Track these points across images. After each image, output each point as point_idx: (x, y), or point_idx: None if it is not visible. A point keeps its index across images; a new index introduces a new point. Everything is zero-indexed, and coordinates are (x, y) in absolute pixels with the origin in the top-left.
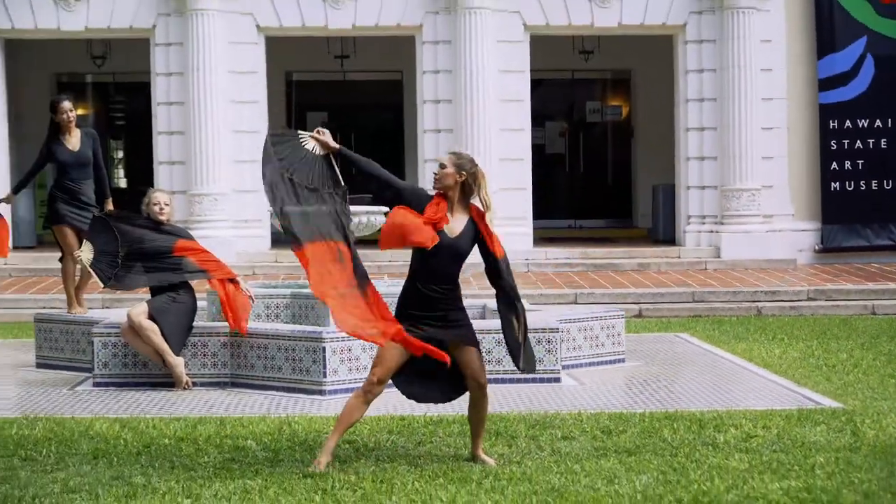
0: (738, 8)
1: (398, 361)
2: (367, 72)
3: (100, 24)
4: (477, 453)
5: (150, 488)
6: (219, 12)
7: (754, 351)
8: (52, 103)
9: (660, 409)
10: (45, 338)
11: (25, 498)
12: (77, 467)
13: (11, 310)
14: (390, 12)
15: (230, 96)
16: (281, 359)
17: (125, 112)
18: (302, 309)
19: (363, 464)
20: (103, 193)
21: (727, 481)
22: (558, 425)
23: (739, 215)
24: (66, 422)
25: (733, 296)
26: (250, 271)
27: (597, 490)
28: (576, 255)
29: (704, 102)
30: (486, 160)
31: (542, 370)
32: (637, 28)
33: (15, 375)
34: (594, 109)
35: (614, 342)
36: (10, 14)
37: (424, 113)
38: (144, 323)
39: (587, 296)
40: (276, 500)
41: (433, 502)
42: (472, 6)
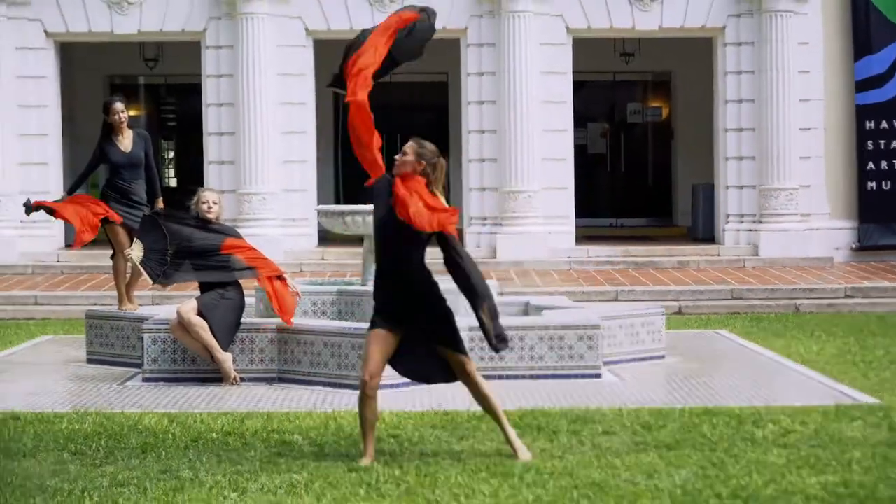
0: (777, 11)
1: (383, 355)
2: (412, 73)
3: (152, 28)
4: (510, 442)
5: (198, 482)
6: (268, 16)
7: (792, 347)
8: (105, 105)
9: (699, 404)
10: (95, 334)
11: (75, 491)
12: (126, 461)
13: (63, 306)
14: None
15: (279, 98)
16: (327, 354)
17: (176, 113)
18: (348, 305)
19: (407, 458)
20: (154, 193)
21: (765, 476)
22: (599, 421)
23: (777, 214)
24: (116, 416)
25: (771, 293)
26: (297, 269)
27: (637, 485)
28: (617, 253)
29: (743, 104)
30: (530, 160)
31: (583, 366)
32: (677, 31)
33: (66, 371)
34: (635, 110)
35: (654, 339)
36: (64, 18)
37: (469, 114)
38: (193, 319)
39: (628, 293)
40: (322, 493)
41: (476, 496)
42: (516, 10)
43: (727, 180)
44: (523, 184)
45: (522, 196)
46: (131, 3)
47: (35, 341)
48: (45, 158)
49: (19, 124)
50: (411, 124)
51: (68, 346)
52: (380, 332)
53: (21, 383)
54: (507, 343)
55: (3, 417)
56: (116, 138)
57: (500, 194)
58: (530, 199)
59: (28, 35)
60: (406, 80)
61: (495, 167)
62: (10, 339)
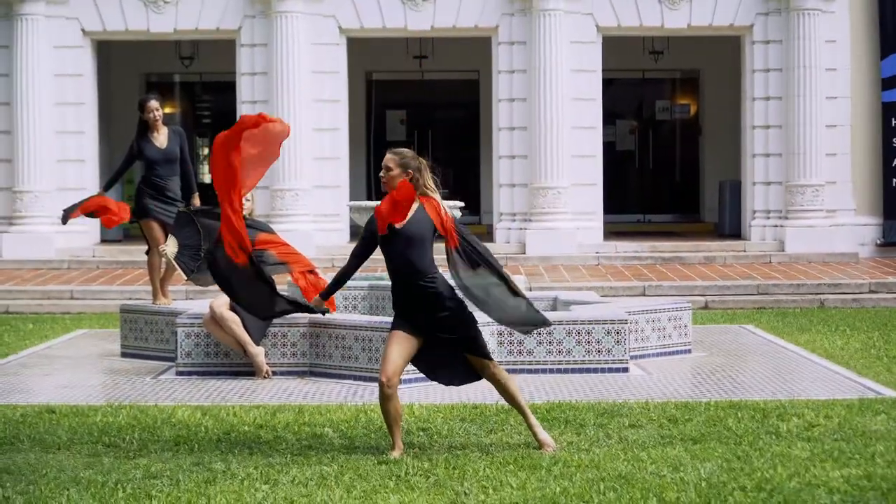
0: (804, 9)
1: (403, 357)
2: (444, 71)
3: (188, 26)
4: (538, 437)
5: (230, 474)
6: (302, 14)
7: (817, 342)
8: (141, 102)
9: (724, 398)
10: (130, 328)
11: (108, 483)
12: (159, 454)
13: (98, 300)
14: (468, 14)
15: (312, 95)
16: (358, 349)
17: (211, 110)
18: (378, 300)
19: (436, 450)
20: (189, 189)
21: (789, 469)
22: (626, 414)
23: (803, 210)
24: (149, 409)
25: (797, 288)
26: (329, 263)
27: (662, 477)
28: (644, 248)
29: (770, 101)
30: (559, 157)
31: (610, 360)
32: (705, 29)
33: (100, 364)
34: (663, 108)
35: (681, 333)
36: (101, 17)
37: (500, 111)
38: (226, 314)
39: (655, 288)
40: (352, 485)
41: (504, 488)
42: (547, 8)
43: (754, 177)
44: (553, 180)
45: (552, 192)
46: (167, 2)
47: (71, 335)
48: (82, 155)
49: (57, 122)
50: (444, 121)
51: (103, 340)
52: (401, 334)
53: (56, 377)
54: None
55: (38, 410)
56: (152, 135)
57: (530, 190)
58: (559, 196)
59: (65, 34)
60: (439, 78)
61: (525, 164)
62: (46, 332)
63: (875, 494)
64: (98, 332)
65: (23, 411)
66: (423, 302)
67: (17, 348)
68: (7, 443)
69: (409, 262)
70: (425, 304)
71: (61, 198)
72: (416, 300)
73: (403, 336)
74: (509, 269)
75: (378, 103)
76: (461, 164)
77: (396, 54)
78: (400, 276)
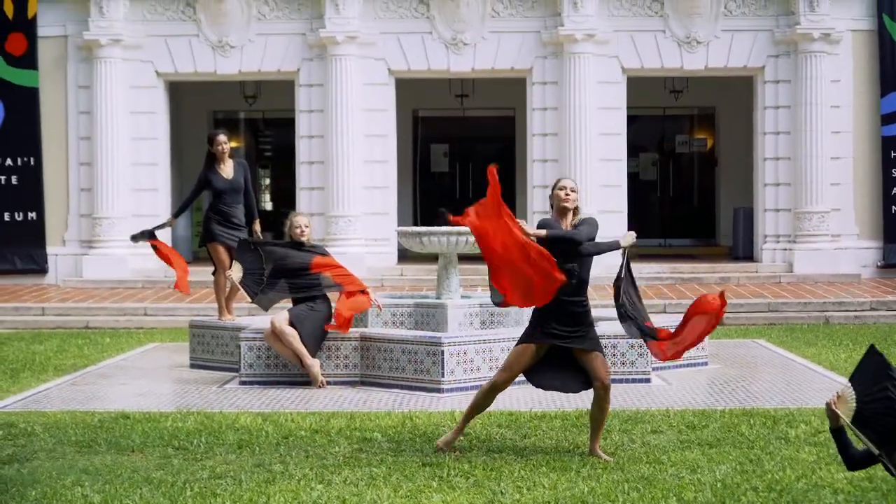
0: (811, 52)
1: (527, 363)
2: (483, 109)
3: (251, 68)
4: (595, 449)
5: (288, 475)
6: (355, 57)
7: (823, 355)
8: (210, 136)
9: (738, 406)
10: (198, 341)
11: (177, 483)
12: (223, 456)
13: (170, 317)
14: (505, 57)
15: (363, 131)
16: (405, 360)
17: (272, 144)
18: (423, 317)
19: (475, 454)
20: (252, 216)
21: (798, 471)
22: (648, 420)
23: (810, 235)
24: (215, 416)
25: (804, 306)
26: (379, 283)
27: (681, 478)
28: (665, 269)
29: (780, 135)
30: (588, 186)
31: (634, 371)
32: (721, 70)
33: (171, 374)
34: (682, 141)
35: (698, 347)
36: (173, 60)
37: (533, 145)
38: (286, 329)
39: (675, 306)
40: (398, 486)
41: (537, 488)
42: (576, 52)
43: (765, 204)
44: (582, 207)
45: None
46: (233, 47)
47: (144, 348)
48: (155, 185)
49: (132, 155)
50: (483, 154)
51: (173, 353)
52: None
53: (131, 385)
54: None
55: (114, 416)
56: (219, 167)
57: None
58: None
59: (141, 75)
60: (478, 115)
61: None
62: (121, 346)
63: (876, 495)
64: (169, 346)
65: (100, 417)
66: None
67: (95, 360)
68: (86, 446)
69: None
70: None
71: (136, 223)
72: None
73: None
74: None
75: (423, 138)
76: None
77: (440, 93)
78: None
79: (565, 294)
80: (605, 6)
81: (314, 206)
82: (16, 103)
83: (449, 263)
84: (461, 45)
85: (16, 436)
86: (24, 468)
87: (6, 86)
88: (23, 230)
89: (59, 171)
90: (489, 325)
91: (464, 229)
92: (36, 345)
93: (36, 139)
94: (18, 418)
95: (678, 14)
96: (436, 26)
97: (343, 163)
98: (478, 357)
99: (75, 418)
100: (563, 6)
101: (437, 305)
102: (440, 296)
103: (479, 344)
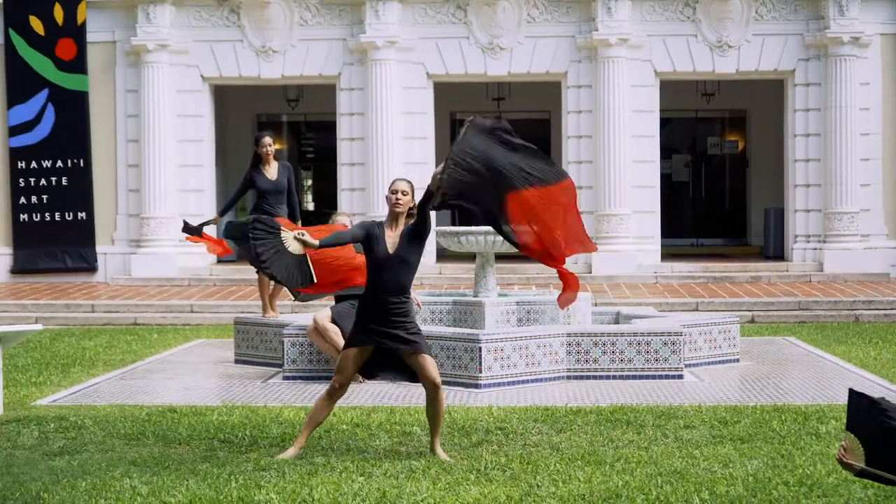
0: (841, 55)
1: (354, 369)
2: (519, 111)
3: (294, 73)
4: (434, 448)
5: (329, 467)
6: (394, 62)
7: (852, 353)
8: (256, 138)
9: (769, 402)
10: (242, 338)
11: (223, 475)
12: (268, 449)
13: (215, 314)
14: (540, 61)
15: (403, 133)
16: (443, 356)
17: (314, 147)
18: (461, 314)
19: (512, 447)
20: (294, 216)
21: (828, 466)
22: (681, 416)
23: (840, 235)
24: (259, 410)
25: (834, 305)
26: (418, 282)
27: (713, 472)
28: (697, 269)
29: (810, 137)
30: (621, 187)
31: (667, 368)
32: (752, 73)
33: (216, 369)
34: (714, 143)
35: (730, 344)
36: (218, 65)
37: (568, 147)
38: (328, 325)
39: (707, 304)
40: (437, 478)
41: (572, 482)
42: (610, 56)
43: (796, 205)
44: (616, 208)
45: (615, 219)
46: (276, 52)
47: (190, 344)
48: (201, 186)
49: (179, 156)
50: None
51: (219, 349)
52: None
53: (178, 380)
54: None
55: (161, 410)
56: (263, 168)
57: (595, 217)
58: (622, 222)
59: (187, 79)
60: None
61: (591, 194)
62: (168, 342)
63: None
64: (214, 342)
65: (148, 411)
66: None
67: (143, 355)
68: (134, 438)
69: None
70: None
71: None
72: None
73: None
74: None
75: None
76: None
77: (477, 96)
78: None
79: (384, 293)
80: (639, 11)
81: (355, 206)
82: (66, 107)
83: (486, 262)
84: (498, 49)
85: (66, 429)
86: (75, 460)
87: (57, 90)
88: (73, 230)
89: (107, 173)
90: (525, 322)
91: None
92: (86, 341)
93: (85, 142)
94: (69, 412)
95: (710, 19)
96: (473, 31)
97: (383, 164)
98: (514, 353)
99: (124, 412)
100: (597, 11)
101: (475, 303)
102: (478, 294)
103: (515, 341)
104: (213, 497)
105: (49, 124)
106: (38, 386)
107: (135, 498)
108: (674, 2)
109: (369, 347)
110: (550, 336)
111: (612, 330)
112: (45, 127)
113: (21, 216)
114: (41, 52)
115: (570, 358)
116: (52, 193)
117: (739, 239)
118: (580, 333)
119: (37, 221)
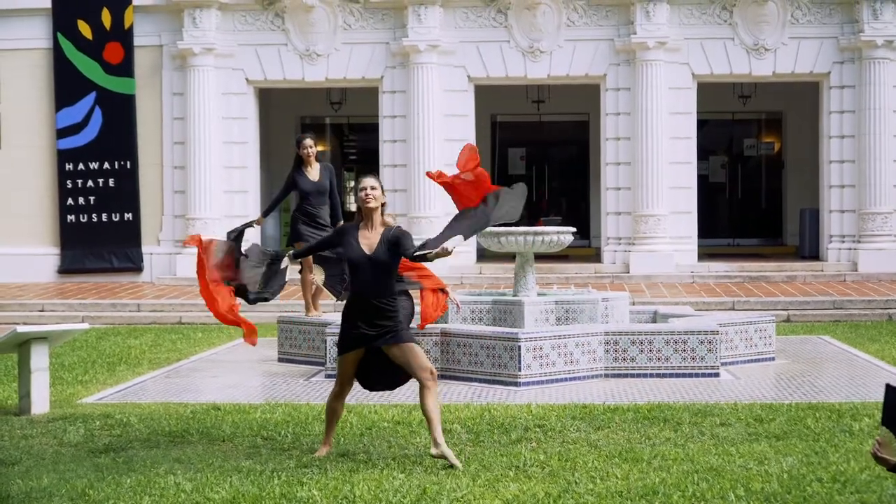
0: (875, 58)
1: (352, 371)
2: (559, 114)
3: (337, 76)
4: (438, 444)
5: (371, 464)
6: (436, 65)
7: (886, 351)
8: (298, 140)
9: (804, 400)
10: (285, 336)
11: (266, 471)
12: (310, 446)
13: (258, 312)
14: (579, 64)
15: (444, 135)
16: (483, 355)
17: (357, 149)
18: (501, 313)
19: (551, 445)
20: (336, 217)
21: (861, 463)
22: (717, 414)
23: (874, 235)
24: (302, 407)
25: (868, 304)
26: (458, 281)
27: (749, 469)
28: (734, 268)
29: (845, 139)
30: (659, 188)
31: (703, 366)
32: (788, 76)
33: (260, 368)
34: (750, 145)
35: (766, 343)
36: (263, 68)
37: (607, 148)
38: None
39: (743, 303)
40: (477, 475)
41: (609, 478)
42: (648, 59)
43: (830, 205)
44: (653, 209)
45: (652, 219)
46: (320, 55)
47: (234, 343)
48: (245, 187)
49: (224, 158)
50: (558, 157)
51: (262, 348)
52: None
53: (221, 378)
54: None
55: (206, 408)
56: (306, 169)
57: (634, 218)
58: (659, 222)
59: (232, 82)
60: (554, 120)
61: (629, 194)
62: (212, 341)
63: None
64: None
65: (192, 408)
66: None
67: (188, 354)
68: (179, 436)
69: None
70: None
71: (228, 224)
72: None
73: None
74: (614, 286)
75: (501, 142)
76: (573, 195)
77: (517, 99)
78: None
79: (366, 295)
80: (676, 15)
81: (397, 207)
82: (113, 110)
83: (526, 262)
84: (538, 52)
85: (112, 426)
86: (120, 457)
87: (104, 93)
88: (119, 230)
89: (153, 174)
90: (564, 321)
91: (541, 229)
92: (132, 339)
93: (132, 144)
94: (115, 409)
95: (746, 22)
96: (513, 35)
97: (424, 166)
98: (553, 352)
99: (169, 409)
100: (635, 15)
101: (515, 302)
102: (517, 293)
103: (554, 339)
104: (255, 494)
105: (96, 127)
106: (84, 384)
107: (179, 494)
108: (711, 5)
109: (360, 351)
110: (589, 335)
111: (649, 329)
112: (93, 129)
113: (69, 217)
114: (89, 55)
115: (607, 356)
116: (98, 195)
117: (775, 239)
118: (618, 332)
119: (84, 222)
